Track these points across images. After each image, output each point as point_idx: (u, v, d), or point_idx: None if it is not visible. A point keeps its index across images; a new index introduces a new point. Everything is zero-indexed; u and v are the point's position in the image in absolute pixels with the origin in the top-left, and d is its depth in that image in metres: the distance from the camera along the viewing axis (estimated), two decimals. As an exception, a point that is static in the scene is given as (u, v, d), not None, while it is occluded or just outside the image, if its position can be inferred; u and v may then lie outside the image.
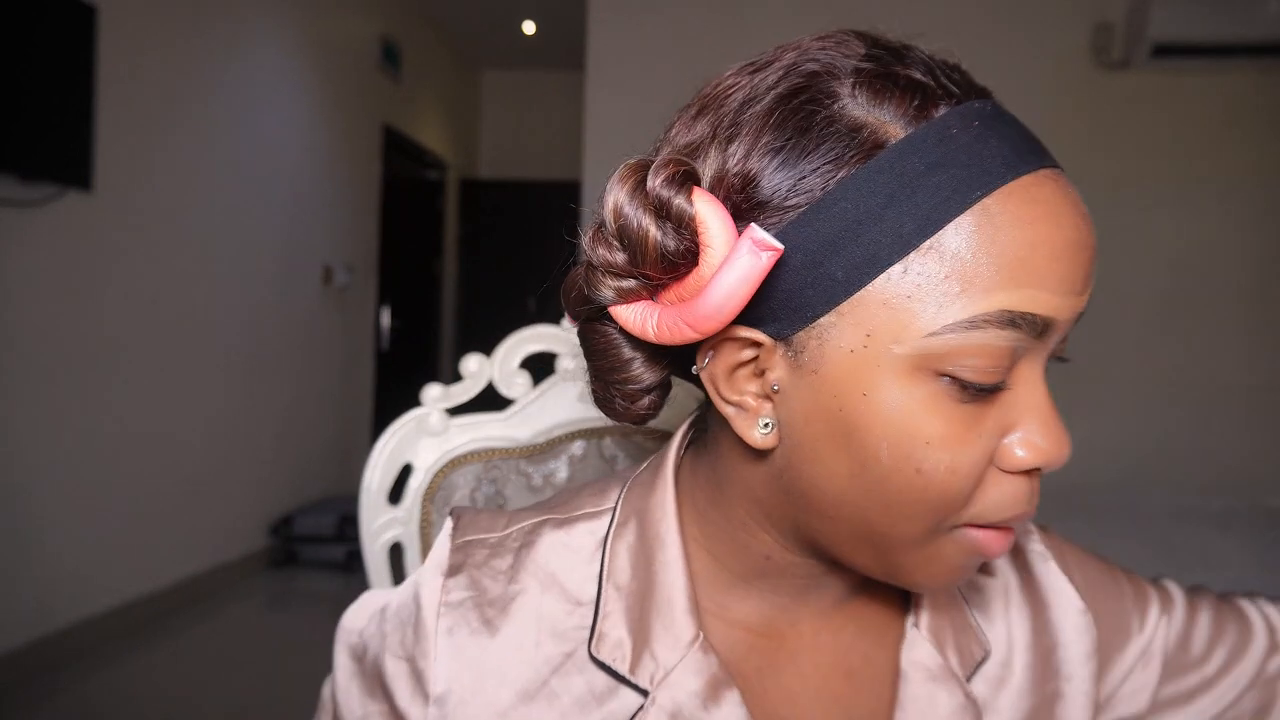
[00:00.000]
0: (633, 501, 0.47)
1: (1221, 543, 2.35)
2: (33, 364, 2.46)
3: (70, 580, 2.63)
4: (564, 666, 0.44)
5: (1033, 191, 0.35)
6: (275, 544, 3.65)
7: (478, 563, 0.47)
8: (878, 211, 0.35)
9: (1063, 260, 0.35)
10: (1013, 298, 0.34)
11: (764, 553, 0.44)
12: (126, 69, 2.70)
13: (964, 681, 0.46)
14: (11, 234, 2.36)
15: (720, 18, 3.67)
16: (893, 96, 0.36)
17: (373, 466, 0.81)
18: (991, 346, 0.35)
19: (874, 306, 0.35)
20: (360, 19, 4.33)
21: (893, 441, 0.36)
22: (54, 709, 2.32)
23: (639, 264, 0.37)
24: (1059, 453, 0.38)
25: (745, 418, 0.40)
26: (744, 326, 0.38)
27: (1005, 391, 0.37)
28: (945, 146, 0.35)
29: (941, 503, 0.36)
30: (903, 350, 0.35)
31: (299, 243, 3.80)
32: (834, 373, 0.37)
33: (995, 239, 0.34)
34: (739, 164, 0.37)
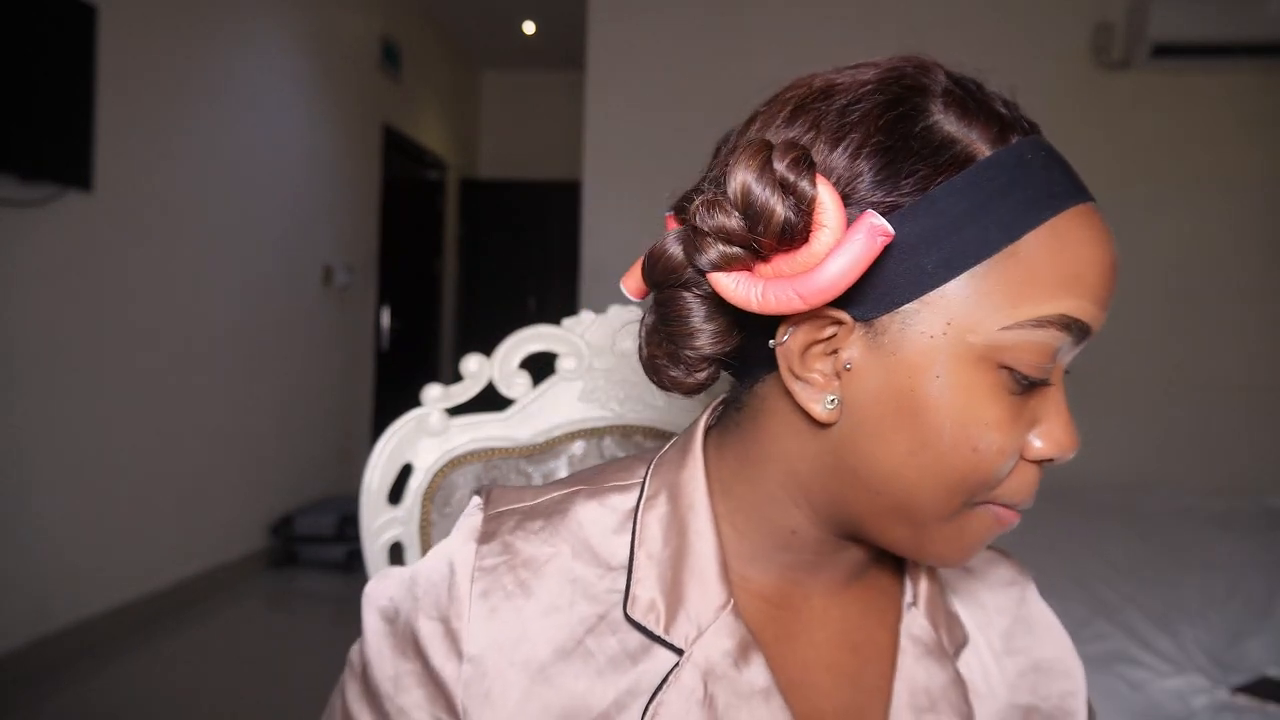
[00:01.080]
0: (662, 475, 0.50)
1: (1221, 543, 2.35)
2: (33, 364, 2.46)
3: (70, 580, 2.62)
4: (598, 627, 0.46)
5: (1087, 218, 0.41)
6: (275, 544, 3.65)
7: (509, 529, 0.49)
8: (968, 216, 0.40)
9: (1106, 278, 0.41)
10: (1071, 305, 0.40)
11: (791, 527, 0.47)
12: (126, 69, 2.70)
13: (952, 658, 0.50)
14: (11, 234, 2.36)
15: (720, 18, 3.67)
16: (979, 120, 0.42)
17: (373, 466, 0.81)
18: (1047, 346, 0.40)
19: (956, 299, 0.40)
20: (360, 19, 4.33)
21: (957, 421, 0.40)
22: (54, 709, 2.32)
23: (757, 233, 0.40)
24: (1072, 447, 0.43)
25: (811, 392, 0.43)
26: (831, 306, 0.42)
27: (1038, 388, 0.42)
28: (1021, 170, 0.41)
29: (987, 480, 0.41)
30: (976, 340, 0.40)
31: (299, 243, 3.80)
32: (912, 355, 0.41)
33: (1063, 253, 0.40)
34: (845, 161, 0.42)
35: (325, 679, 0.52)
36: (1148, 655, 1.56)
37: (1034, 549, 2.44)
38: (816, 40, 3.66)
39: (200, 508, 3.19)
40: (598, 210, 3.42)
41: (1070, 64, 3.53)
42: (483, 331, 4.78)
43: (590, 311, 0.88)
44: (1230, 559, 2.19)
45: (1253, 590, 1.93)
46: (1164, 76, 3.50)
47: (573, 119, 4.60)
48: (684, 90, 3.47)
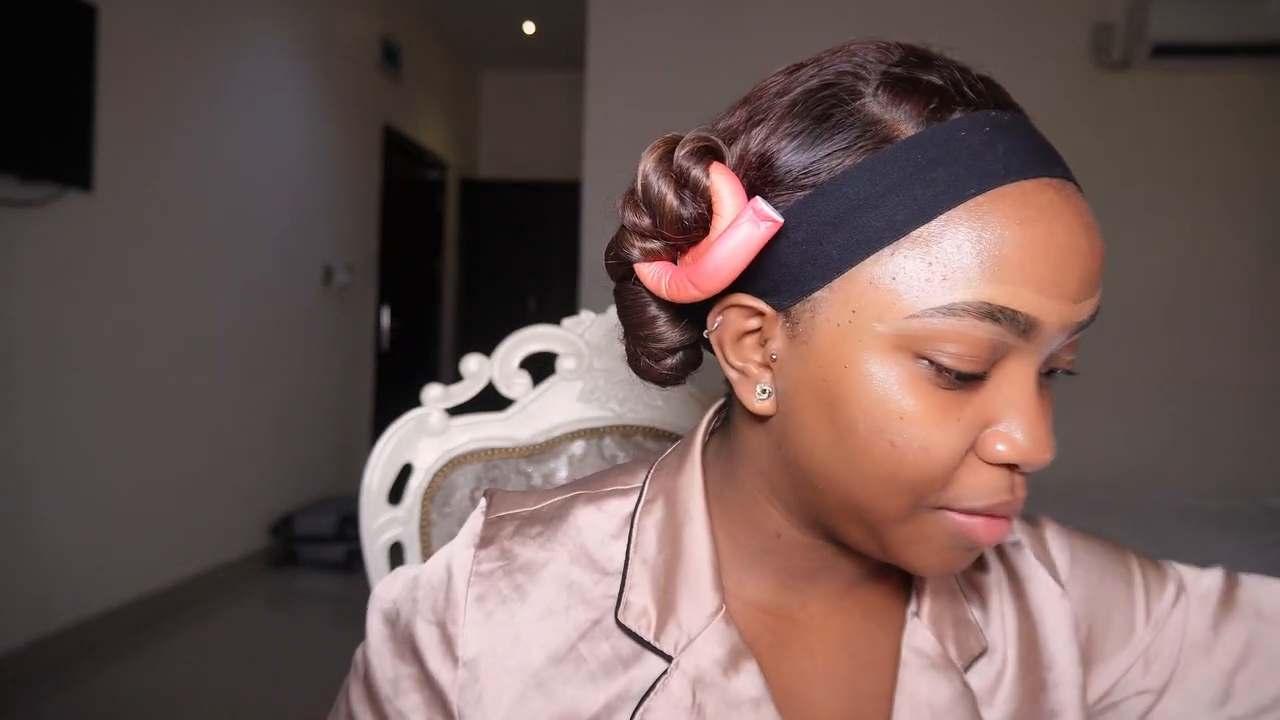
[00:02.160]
0: (660, 480, 0.50)
1: (1221, 543, 2.35)
2: (33, 364, 2.46)
3: (70, 580, 2.62)
4: (591, 632, 0.46)
5: (1030, 196, 0.37)
6: (275, 544, 3.65)
7: (508, 534, 0.49)
8: (876, 199, 0.38)
9: (1053, 264, 0.37)
10: (994, 291, 0.36)
11: (774, 530, 0.46)
12: (126, 69, 2.70)
13: (961, 671, 0.47)
14: (11, 234, 2.36)
15: (720, 18, 3.67)
16: (911, 98, 0.39)
17: (373, 466, 0.81)
18: (969, 336, 0.37)
19: (862, 285, 0.38)
20: (360, 19, 4.33)
21: (869, 414, 0.38)
22: (54, 709, 2.32)
23: (659, 226, 0.41)
24: (1037, 454, 0.38)
25: (746, 383, 0.43)
26: (749, 295, 0.42)
27: (990, 384, 0.39)
28: (950, 146, 0.38)
29: (915, 479, 0.38)
30: (884, 329, 0.38)
31: (299, 243, 3.80)
32: (821, 344, 0.40)
33: (983, 235, 0.36)
34: (759, 144, 0.41)
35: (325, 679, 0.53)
36: (1147, 655, 1.56)
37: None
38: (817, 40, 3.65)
39: (200, 508, 3.19)
40: (598, 210, 3.42)
41: (1070, 64, 3.54)
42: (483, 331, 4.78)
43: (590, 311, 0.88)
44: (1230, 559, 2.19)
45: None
46: (1164, 76, 3.50)
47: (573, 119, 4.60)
48: (684, 90, 3.47)
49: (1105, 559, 0.54)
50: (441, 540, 0.82)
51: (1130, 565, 0.54)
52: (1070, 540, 0.55)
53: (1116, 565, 0.54)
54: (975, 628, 0.49)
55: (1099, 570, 0.54)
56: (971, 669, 0.48)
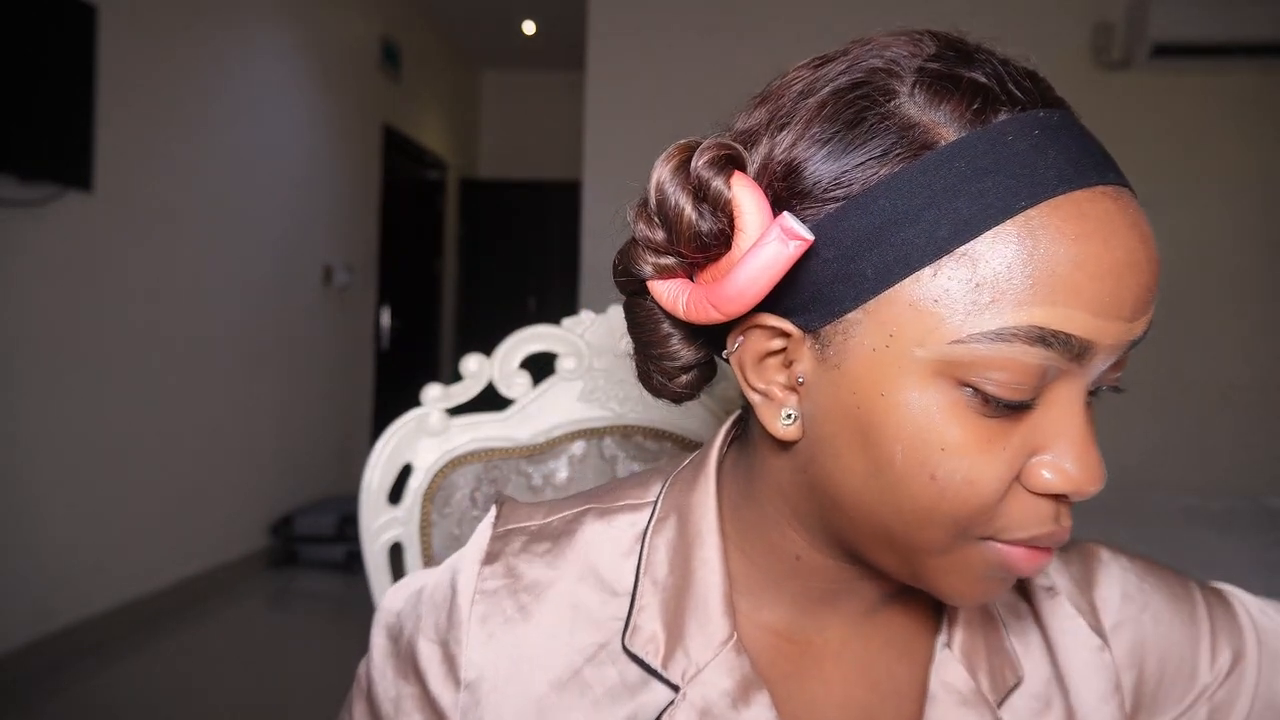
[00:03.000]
0: (674, 497, 0.47)
1: (1221, 543, 2.35)
2: (33, 364, 2.46)
3: (70, 580, 2.62)
4: (597, 656, 0.44)
5: (1084, 207, 0.34)
6: (275, 544, 3.65)
7: (515, 550, 0.47)
8: (915, 212, 0.34)
9: (1109, 281, 0.34)
10: (1046, 314, 0.33)
11: (794, 552, 0.44)
12: (126, 69, 2.70)
13: (994, 707, 0.44)
14: (11, 234, 2.36)
15: (720, 18, 3.67)
16: (951, 98, 0.36)
17: (373, 466, 0.81)
18: (1018, 362, 0.34)
19: (900, 307, 0.35)
20: (360, 19, 4.33)
21: (908, 445, 0.35)
22: (54, 709, 2.32)
23: (675, 242, 0.38)
24: (1089, 483, 0.36)
25: (770, 407, 0.40)
26: (774, 315, 0.39)
27: (1037, 410, 0.36)
28: (997, 153, 0.34)
29: (960, 513, 0.36)
30: (925, 354, 0.35)
31: (299, 243, 3.80)
32: (855, 370, 0.37)
33: (1035, 252, 0.33)
34: (785, 151, 0.38)
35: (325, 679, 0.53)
36: (1147, 655, 1.56)
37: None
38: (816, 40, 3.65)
39: (200, 508, 3.19)
40: (597, 210, 3.42)
41: (1070, 64, 3.53)
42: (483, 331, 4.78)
43: (590, 311, 0.88)
44: (1230, 559, 2.19)
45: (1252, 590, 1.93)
46: (1164, 76, 3.50)
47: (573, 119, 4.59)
48: (684, 90, 3.47)
49: (1165, 595, 0.50)
50: (442, 540, 0.82)
51: (1195, 603, 0.50)
52: (1125, 573, 0.50)
53: (1179, 604, 0.50)
54: (1011, 656, 0.46)
55: (1155, 609, 0.49)
56: (1005, 703, 0.45)
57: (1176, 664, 0.48)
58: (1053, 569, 0.50)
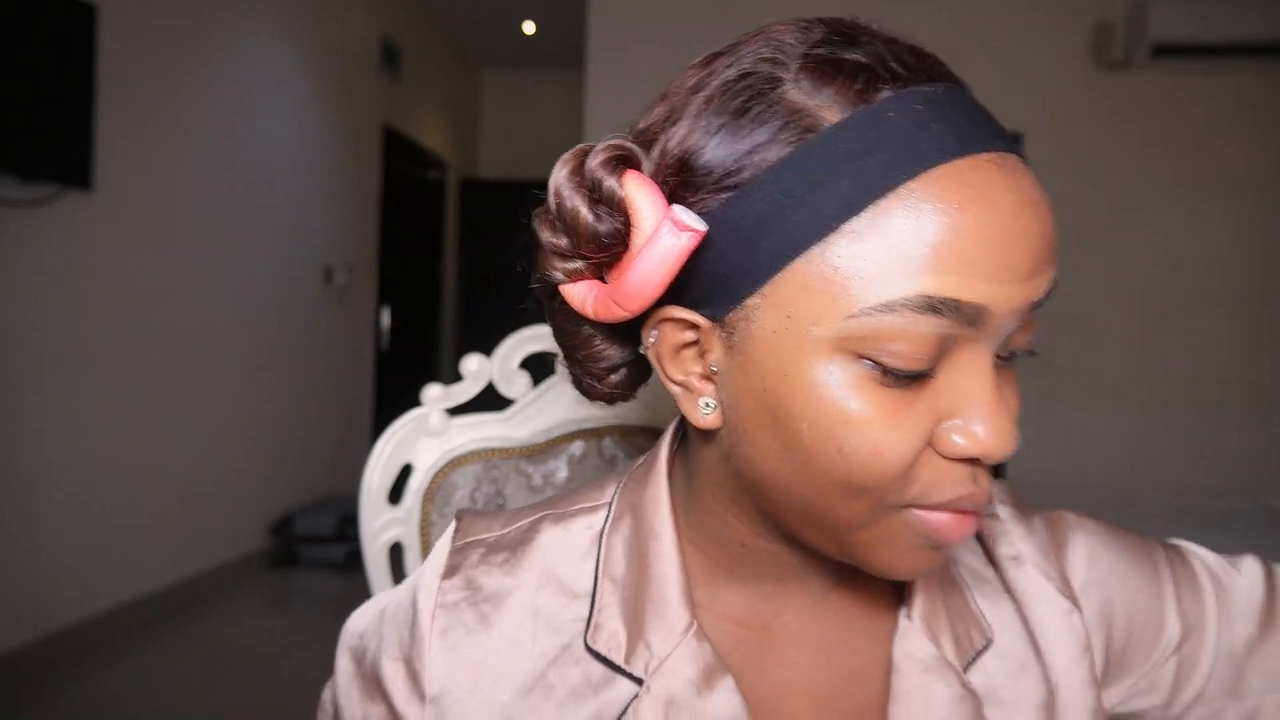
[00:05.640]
0: (628, 496, 0.48)
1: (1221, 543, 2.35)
2: (33, 364, 2.46)
3: (70, 580, 2.62)
4: (560, 659, 0.44)
5: (967, 175, 0.34)
6: (275, 544, 3.65)
7: (474, 563, 0.47)
8: (802, 194, 0.35)
9: (996, 246, 0.34)
10: (935, 283, 0.34)
11: (739, 540, 0.45)
12: (126, 69, 2.70)
13: (960, 672, 0.45)
14: (11, 234, 2.36)
15: (720, 17, 3.67)
16: (834, 81, 0.36)
17: (373, 466, 0.81)
18: (912, 332, 0.34)
19: (795, 289, 0.36)
20: (360, 19, 4.33)
21: (813, 422, 0.36)
22: (54, 709, 2.32)
23: (577, 245, 0.39)
24: (998, 446, 0.36)
25: (689, 398, 0.41)
26: (681, 308, 0.39)
27: (942, 377, 0.36)
28: (879, 130, 0.35)
29: (871, 483, 0.36)
30: (822, 332, 0.35)
31: (299, 243, 3.80)
32: (759, 353, 0.37)
33: (918, 223, 0.34)
34: (678, 145, 0.38)
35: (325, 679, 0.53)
36: (1147, 655, 1.56)
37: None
38: (816, 40, 3.66)
39: (200, 508, 3.19)
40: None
41: (1070, 64, 3.53)
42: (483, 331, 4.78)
43: (590, 311, 0.87)
44: (1230, 559, 2.19)
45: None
46: (1164, 77, 3.50)
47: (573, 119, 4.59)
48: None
49: (1130, 555, 0.51)
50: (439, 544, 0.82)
51: (1158, 561, 0.51)
52: (1090, 536, 0.51)
53: (1143, 563, 0.51)
54: (978, 618, 0.47)
55: (1121, 569, 0.50)
56: (974, 665, 0.45)
57: (1143, 622, 0.49)
58: (1017, 538, 0.50)
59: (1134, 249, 3.56)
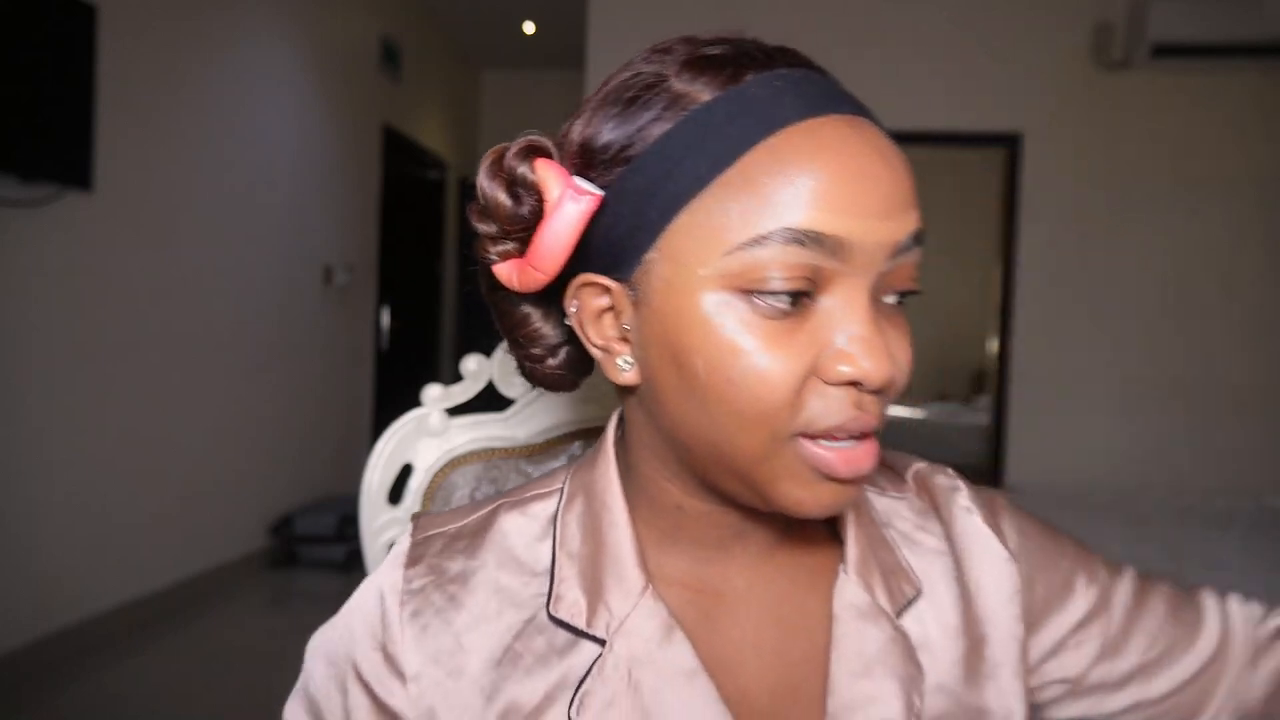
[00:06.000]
0: (579, 478, 0.51)
1: (1221, 543, 2.35)
2: (33, 364, 2.46)
3: (70, 580, 2.63)
4: (524, 631, 0.47)
5: (818, 131, 0.40)
6: (275, 544, 3.65)
7: (436, 551, 0.50)
8: (680, 159, 0.41)
9: (849, 186, 0.39)
10: (794, 217, 0.39)
11: (674, 503, 0.48)
12: (126, 69, 2.70)
13: (893, 617, 0.49)
14: (11, 234, 2.36)
15: (719, 18, 3.67)
16: (707, 71, 0.42)
17: (373, 466, 0.81)
18: (780, 262, 0.39)
19: (681, 238, 0.41)
20: (360, 19, 4.33)
21: (706, 356, 0.40)
22: (54, 709, 2.32)
23: (502, 226, 0.46)
24: (876, 369, 0.40)
25: (609, 360, 0.46)
26: (595, 274, 0.45)
27: (822, 309, 0.41)
28: (743, 101, 0.41)
29: (758, 408, 0.40)
30: (706, 271, 0.40)
31: (299, 243, 3.80)
32: (659, 302, 0.42)
33: (779, 170, 0.39)
34: (579, 133, 0.45)
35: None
36: (1148, 655, 1.56)
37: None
38: (816, 43, 3.66)
39: (200, 508, 3.19)
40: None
41: (1070, 64, 3.53)
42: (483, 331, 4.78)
43: (590, 311, 0.87)
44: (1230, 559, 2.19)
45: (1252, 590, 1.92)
46: (1164, 77, 3.50)
47: (573, 119, 4.59)
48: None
49: (1050, 544, 0.57)
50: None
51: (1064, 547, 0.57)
52: (1019, 517, 0.57)
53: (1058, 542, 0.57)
54: (907, 571, 0.51)
55: (1041, 543, 0.56)
56: (906, 613, 0.50)
57: (1059, 588, 0.56)
58: (969, 496, 0.56)
59: (1134, 249, 3.56)
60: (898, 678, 0.47)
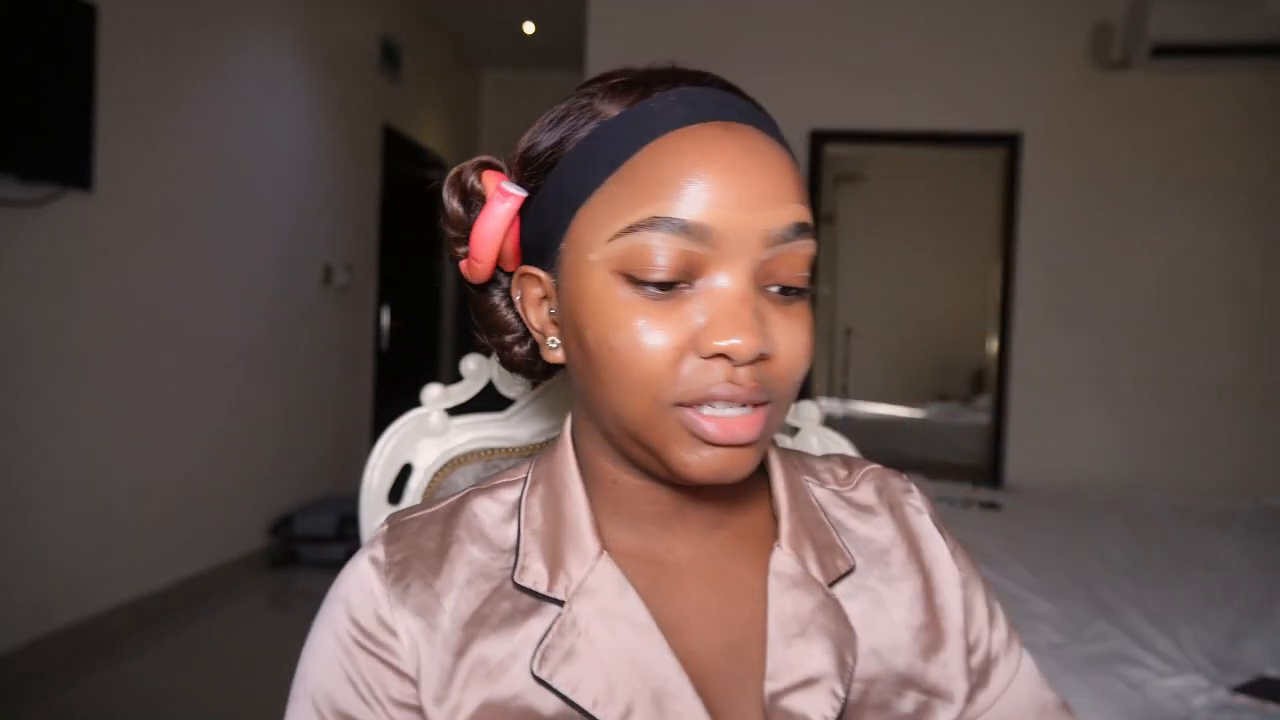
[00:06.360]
0: (541, 466, 0.56)
1: (1221, 543, 2.35)
2: (33, 364, 2.46)
3: (70, 580, 2.63)
4: (492, 597, 0.51)
5: (695, 135, 0.46)
6: (275, 544, 3.65)
7: (414, 530, 0.54)
8: (586, 162, 0.48)
9: (716, 180, 0.45)
10: (664, 207, 0.45)
11: (610, 478, 0.53)
12: (126, 69, 2.70)
13: (824, 585, 0.53)
14: (11, 234, 2.36)
15: (719, 18, 3.67)
16: (623, 92, 0.49)
17: (373, 466, 0.81)
18: (654, 247, 0.45)
19: (581, 229, 0.48)
20: (360, 19, 4.33)
21: (595, 329, 0.47)
22: (54, 709, 2.32)
23: (460, 231, 0.55)
24: (741, 342, 0.44)
25: (543, 340, 0.53)
26: (531, 266, 0.53)
27: (698, 291, 0.46)
28: (640, 115, 0.48)
29: (637, 376, 0.46)
30: (595, 257, 0.47)
31: (299, 243, 3.80)
32: (567, 286, 0.49)
33: (656, 168, 0.46)
34: (521, 148, 0.53)
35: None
36: (1147, 655, 1.56)
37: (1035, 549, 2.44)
38: (816, 43, 3.66)
39: (200, 508, 3.19)
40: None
41: (1070, 64, 3.54)
42: (483, 331, 4.76)
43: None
44: (1229, 559, 2.19)
45: (1252, 590, 1.93)
46: (1163, 77, 3.50)
47: (573, 119, 4.59)
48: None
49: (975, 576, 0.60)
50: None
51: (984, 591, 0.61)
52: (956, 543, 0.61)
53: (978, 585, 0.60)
54: (842, 551, 0.55)
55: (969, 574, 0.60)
56: (839, 584, 0.54)
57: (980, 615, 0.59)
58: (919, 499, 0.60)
59: (1134, 249, 3.56)
60: (829, 636, 0.51)
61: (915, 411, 5.70)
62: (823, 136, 3.69)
